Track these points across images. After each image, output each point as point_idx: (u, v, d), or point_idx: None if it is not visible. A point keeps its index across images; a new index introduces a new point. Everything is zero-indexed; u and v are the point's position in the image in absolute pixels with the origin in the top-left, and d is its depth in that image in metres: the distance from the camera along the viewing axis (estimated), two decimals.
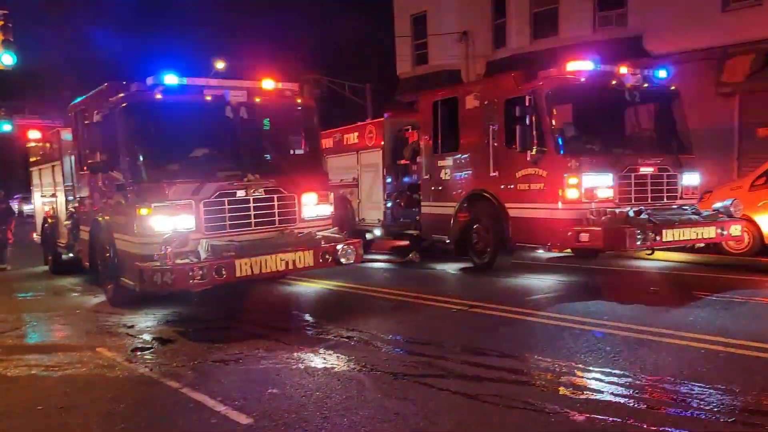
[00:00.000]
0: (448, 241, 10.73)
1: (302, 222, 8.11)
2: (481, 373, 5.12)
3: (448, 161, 10.75)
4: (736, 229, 9.03)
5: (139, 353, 6.19)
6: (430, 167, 11.13)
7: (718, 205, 9.28)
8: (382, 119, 12.68)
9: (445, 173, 10.80)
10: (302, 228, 8.05)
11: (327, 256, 7.63)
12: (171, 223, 7.14)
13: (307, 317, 7.67)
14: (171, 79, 7.57)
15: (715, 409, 4.23)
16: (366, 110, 23.59)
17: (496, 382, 4.92)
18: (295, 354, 5.85)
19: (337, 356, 5.77)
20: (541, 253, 10.67)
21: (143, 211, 7.14)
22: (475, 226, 10.18)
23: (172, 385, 5.16)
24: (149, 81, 7.66)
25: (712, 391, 4.52)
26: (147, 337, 6.86)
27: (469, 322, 7.10)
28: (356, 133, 13.05)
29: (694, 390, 4.57)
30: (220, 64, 25.26)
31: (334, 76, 25.29)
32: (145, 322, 7.51)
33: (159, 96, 7.49)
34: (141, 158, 7.41)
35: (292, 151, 9.04)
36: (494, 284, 9.16)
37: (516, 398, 4.52)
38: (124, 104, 7.62)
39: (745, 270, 9.58)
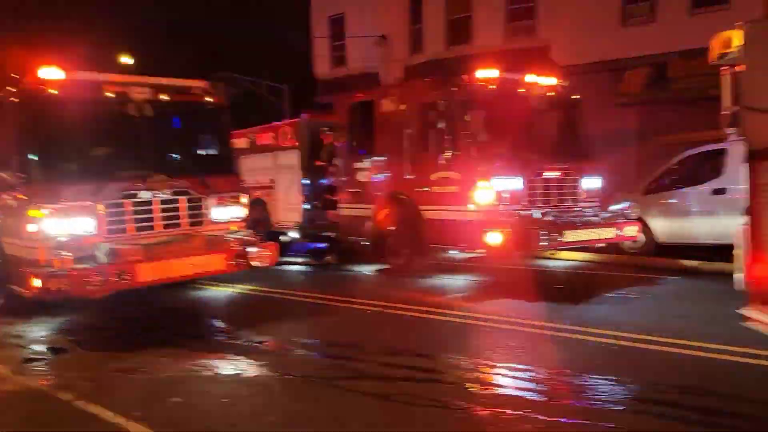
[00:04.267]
0: (365, 242, 10.76)
1: (213, 224, 7.87)
2: (393, 374, 5.16)
3: (365, 164, 10.79)
4: (631, 230, 9.64)
5: (29, 365, 5.76)
6: (347, 169, 11.13)
7: (615, 207, 9.88)
8: (298, 120, 12.57)
9: (362, 175, 10.83)
10: (213, 230, 7.81)
11: (239, 259, 7.44)
12: (67, 225, 6.71)
13: (217, 323, 7.44)
14: (67, 73, 7.10)
15: (608, 399, 4.48)
16: (284, 111, 23.29)
17: (408, 382, 4.97)
18: (202, 361, 5.65)
19: (247, 362, 5.63)
20: (456, 254, 10.92)
21: (35, 214, 6.66)
22: (391, 228, 10.27)
23: (64, 397, 4.84)
24: (43, 74, 7.14)
25: (605, 381, 4.79)
26: (39, 347, 6.40)
27: (384, 323, 7.15)
28: (272, 134, 12.85)
29: (589, 381, 4.83)
30: (126, 59, 24.07)
31: (252, 76, 24.78)
32: (38, 332, 7.02)
33: (54, 90, 7.02)
34: (33, 156, 6.91)
35: (202, 152, 8.74)
36: (410, 285, 9.28)
37: (425, 397, 4.58)
38: (14, 98, 7.08)
39: (640, 268, 10.23)
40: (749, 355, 5.08)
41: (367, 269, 10.81)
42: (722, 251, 7.63)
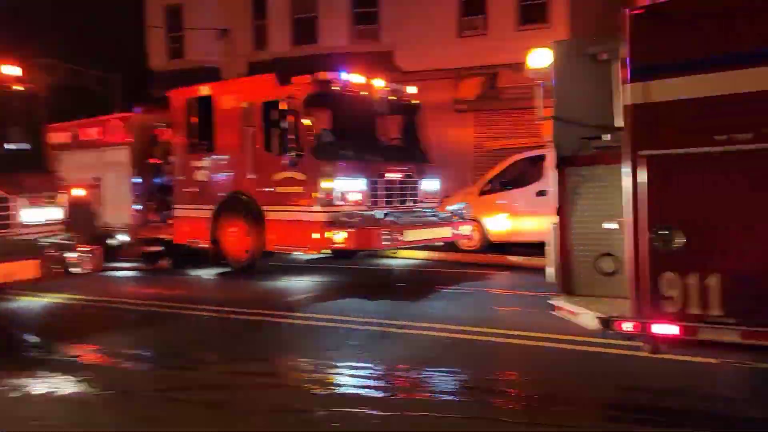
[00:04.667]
0: (203, 245, 10.27)
1: (23, 227, 6.96)
2: (231, 381, 4.94)
3: (204, 162, 10.30)
4: (466, 229, 10.28)
5: None
6: (184, 168, 10.54)
7: (452, 207, 10.46)
8: (129, 114, 11.65)
9: (201, 175, 10.33)
10: (24, 234, 6.91)
11: (55, 266, 6.67)
12: None
13: (29, 337, 6.61)
14: None
15: (443, 390, 4.70)
16: (115, 104, 21.43)
17: (246, 388, 4.79)
18: (10, 381, 4.96)
19: (64, 378, 5.05)
20: (301, 256, 10.84)
21: None
22: (232, 230, 9.91)
23: None
24: None
25: (440, 374, 5.01)
26: None
27: (222, 328, 6.86)
28: (99, 128, 11.76)
29: (425, 375, 5.02)
30: None
31: (79, 64, 22.46)
32: None
33: None
34: None
35: (12, 146, 7.70)
36: (251, 288, 9.01)
37: (264, 402, 4.45)
38: None
39: (475, 265, 10.94)
40: (558, 340, 5.61)
41: (206, 273, 10.33)
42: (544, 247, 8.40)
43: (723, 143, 3.52)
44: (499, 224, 11.75)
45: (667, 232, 3.68)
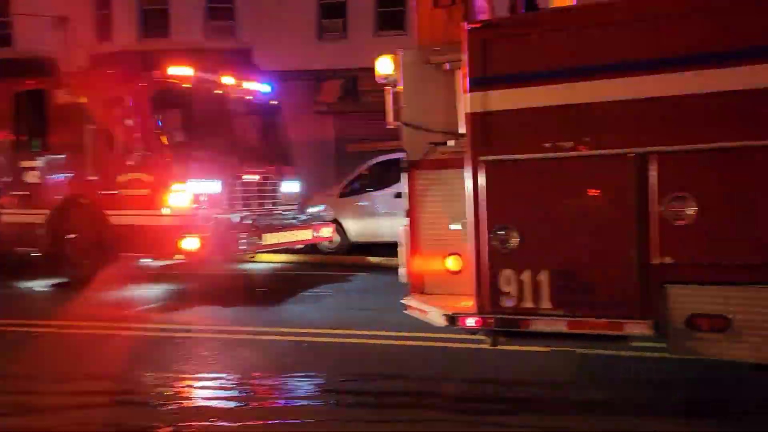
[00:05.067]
0: (36, 254, 9.27)
1: None
2: (67, 402, 4.49)
3: (37, 162, 9.31)
4: (327, 231, 10.29)
5: None
6: (11, 169, 9.45)
7: (312, 210, 10.43)
8: None
9: (32, 176, 9.32)
10: None
11: None
12: None
13: None
14: None
15: (298, 394, 4.66)
16: None
17: (85, 409, 4.38)
18: None
19: None
20: (151, 262, 10.16)
21: None
22: (70, 237, 9.04)
23: None
24: None
25: (296, 379, 4.95)
26: None
27: (59, 346, 6.20)
28: None
29: (280, 381, 4.93)
30: None
31: None
32: None
33: None
34: None
35: None
36: (93, 300, 8.27)
37: (103, 422, 4.12)
38: None
39: (336, 266, 11.00)
40: (411, 338, 5.79)
41: (40, 285, 9.33)
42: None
43: (549, 150, 3.84)
44: (360, 226, 11.94)
45: (503, 232, 3.94)
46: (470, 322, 4.07)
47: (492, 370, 4.92)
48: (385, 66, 4.86)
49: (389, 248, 11.10)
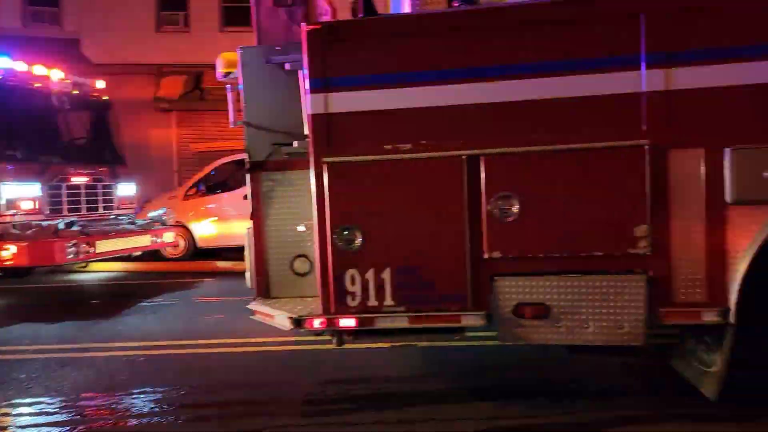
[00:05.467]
0: None
1: None
2: None
3: None
4: (169, 236, 9.72)
5: None
6: None
7: (152, 214, 9.78)
8: None
9: None
10: None
11: None
12: None
13: None
14: None
15: (134, 413, 4.29)
16: None
17: None
18: None
19: None
20: None
21: None
22: None
23: None
24: None
25: (130, 396, 4.58)
26: None
27: None
28: None
29: (111, 401, 4.53)
30: None
31: None
32: None
33: None
34: None
35: None
36: None
37: None
38: None
39: (182, 273, 10.42)
40: (258, 344, 5.68)
41: None
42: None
43: (389, 152, 3.94)
44: (207, 229, 11.45)
45: (347, 233, 3.98)
46: (316, 323, 4.05)
47: (341, 371, 4.96)
48: (227, 63, 4.68)
49: (239, 252, 10.75)
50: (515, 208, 3.77)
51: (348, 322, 3.98)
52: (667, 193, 3.63)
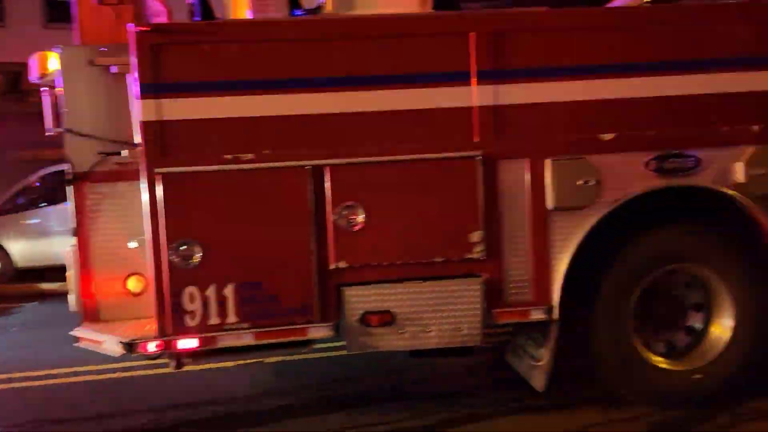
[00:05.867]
0: None
1: None
2: None
3: None
4: None
5: None
6: None
7: None
8: None
9: None
10: None
11: None
12: None
13: None
14: None
15: None
16: None
17: None
18: None
19: None
20: None
21: None
22: None
23: None
24: None
25: None
26: None
27: None
28: None
29: None
30: None
31: None
32: None
33: None
34: None
35: None
36: None
37: None
38: None
39: None
40: (84, 373, 5.18)
41: None
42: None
43: (230, 162, 3.77)
44: (28, 247, 10.26)
45: (185, 248, 3.74)
46: (151, 347, 3.74)
47: (182, 394, 4.64)
48: (40, 64, 4.19)
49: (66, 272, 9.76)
50: (360, 218, 3.80)
51: (188, 343, 3.73)
52: (497, 201, 3.87)
